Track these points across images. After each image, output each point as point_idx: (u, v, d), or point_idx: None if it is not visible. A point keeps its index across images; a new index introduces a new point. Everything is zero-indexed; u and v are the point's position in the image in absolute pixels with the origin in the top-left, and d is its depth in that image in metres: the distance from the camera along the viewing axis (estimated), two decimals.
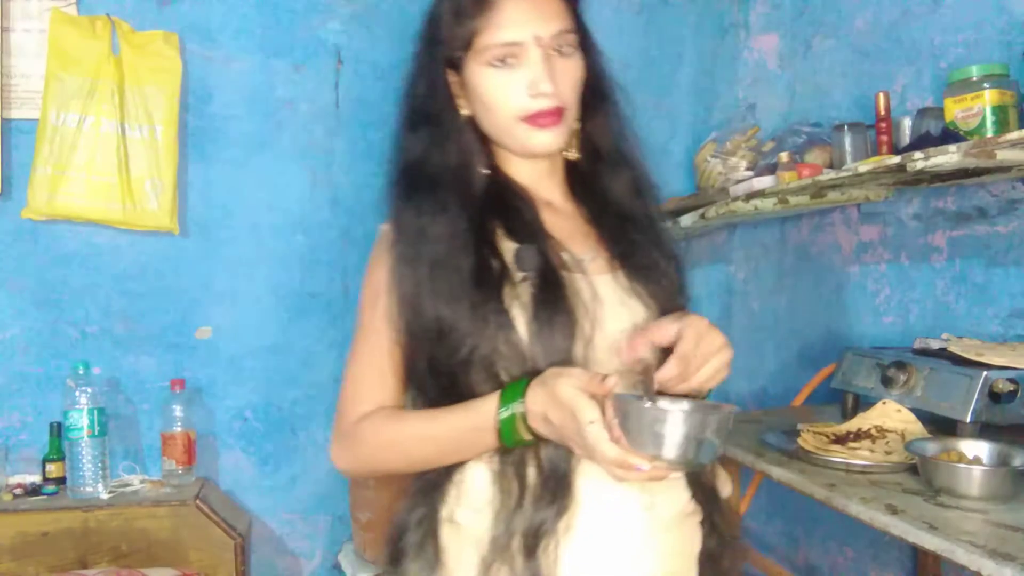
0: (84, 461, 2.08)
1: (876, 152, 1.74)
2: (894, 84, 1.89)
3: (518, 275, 0.99)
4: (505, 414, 0.92)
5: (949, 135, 1.50)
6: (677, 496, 1.03)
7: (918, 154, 1.45)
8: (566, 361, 0.95)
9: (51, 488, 2.13)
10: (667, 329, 0.94)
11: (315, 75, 2.46)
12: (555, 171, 1.13)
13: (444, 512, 1.02)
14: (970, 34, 1.71)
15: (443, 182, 1.04)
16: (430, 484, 1.04)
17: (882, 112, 1.72)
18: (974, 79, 1.49)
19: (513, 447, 0.95)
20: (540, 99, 1.00)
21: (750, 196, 2.03)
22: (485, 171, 1.07)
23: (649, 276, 1.05)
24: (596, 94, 1.10)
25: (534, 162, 1.09)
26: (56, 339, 2.28)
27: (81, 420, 2.08)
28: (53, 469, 2.16)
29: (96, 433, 2.09)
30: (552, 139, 1.04)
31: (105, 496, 2.09)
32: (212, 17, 2.37)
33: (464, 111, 1.06)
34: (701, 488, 1.06)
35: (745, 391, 2.52)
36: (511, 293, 0.98)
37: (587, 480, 0.96)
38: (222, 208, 2.39)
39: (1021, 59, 1.52)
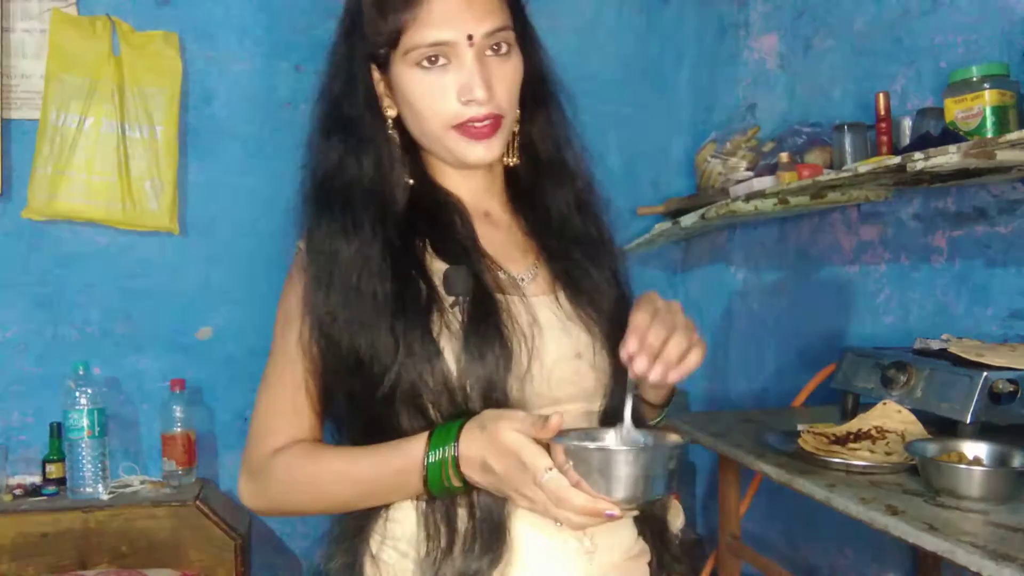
0: (84, 461, 2.08)
1: (876, 152, 1.74)
2: (894, 84, 1.89)
3: (448, 299, 0.90)
4: (433, 458, 0.84)
5: (949, 135, 1.50)
6: (621, 538, 0.94)
7: (918, 154, 1.44)
8: (500, 396, 0.87)
9: (51, 489, 2.13)
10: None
11: (315, 75, 2.45)
12: (493, 179, 1.02)
13: (368, 548, 0.93)
14: (970, 34, 1.71)
15: (361, 194, 0.94)
16: (352, 529, 0.95)
17: (882, 112, 1.72)
18: (974, 79, 1.49)
19: (440, 494, 0.86)
20: (472, 106, 0.90)
21: (750, 196, 2.03)
22: (410, 181, 0.97)
23: (591, 299, 0.96)
24: (537, 96, 1.00)
25: (469, 170, 0.99)
26: (56, 339, 2.28)
27: (81, 420, 2.08)
28: (53, 470, 2.17)
29: (96, 434, 2.10)
30: (486, 152, 0.93)
31: (105, 497, 2.09)
32: (212, 17, 2.37)
33: (390, 111, 0.97)
34: (650, 524, 0.98)
35: (745, 391, 2.52)
36: (440, 320, 0.89)
37: (522, 524, 0.88)
38: (222, 208, 2.38)
39: (1021, 59, 1.52)
